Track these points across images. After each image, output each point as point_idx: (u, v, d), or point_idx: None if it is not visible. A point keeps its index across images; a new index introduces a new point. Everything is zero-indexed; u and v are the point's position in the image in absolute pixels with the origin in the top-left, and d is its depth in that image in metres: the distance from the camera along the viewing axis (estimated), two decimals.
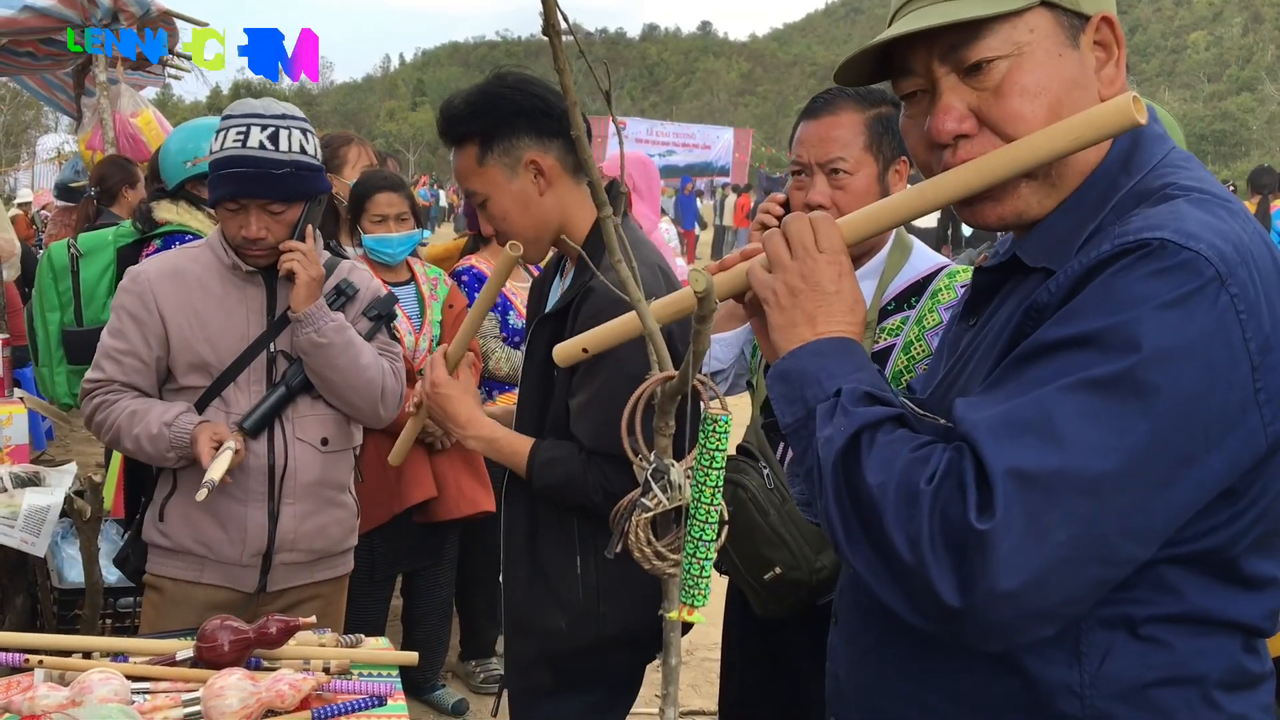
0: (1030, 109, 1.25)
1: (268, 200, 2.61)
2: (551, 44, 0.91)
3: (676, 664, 1.21)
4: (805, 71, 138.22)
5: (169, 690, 2.04)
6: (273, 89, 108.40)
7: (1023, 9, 1.24)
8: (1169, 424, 1.08)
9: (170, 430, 2.59)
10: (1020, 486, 1.07)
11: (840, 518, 1.20)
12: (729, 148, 38.91)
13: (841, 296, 1.31)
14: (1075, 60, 1.26)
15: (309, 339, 2.66)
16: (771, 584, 2.19)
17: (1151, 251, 1.12)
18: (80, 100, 7.54)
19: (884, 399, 1.25)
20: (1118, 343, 1.09)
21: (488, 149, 2.21)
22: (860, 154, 2.24)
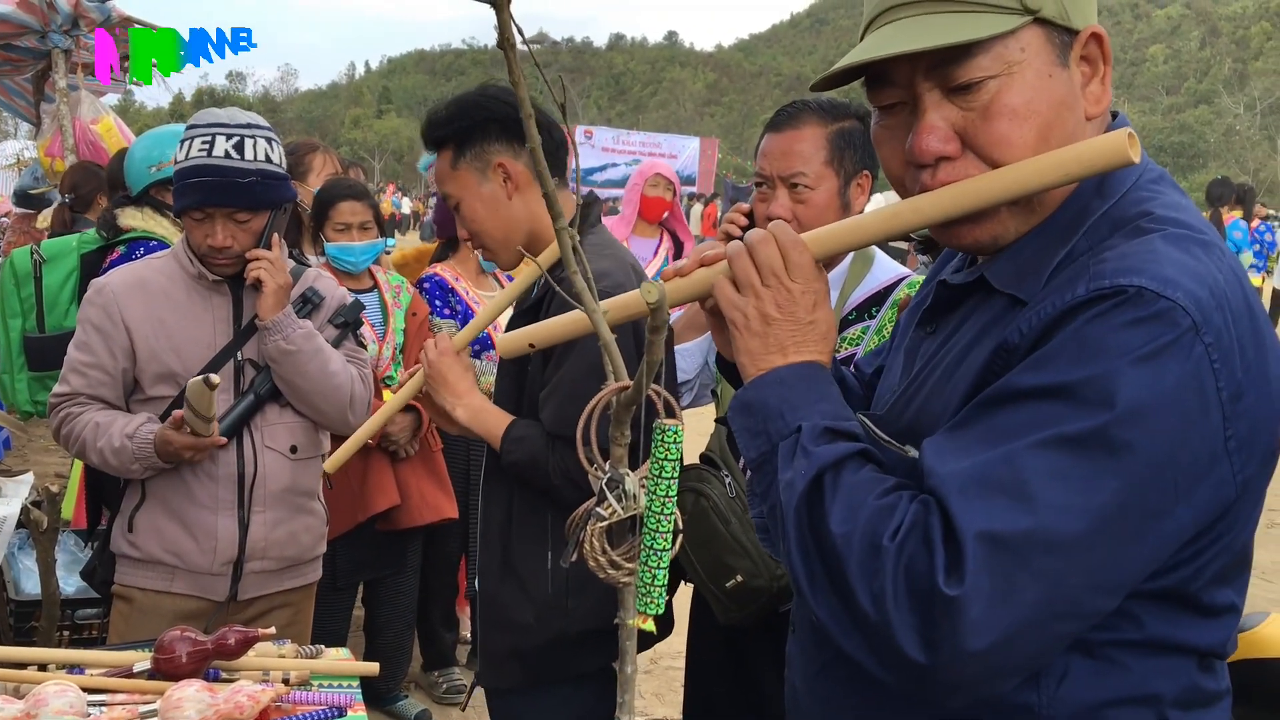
0: (1018, 133, 1.19)
1: (233, 209, 2.61)
2: (506, 57, 0.91)
3: (632, 673, 1.21)
4: (771, 82, 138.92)
5: (126, 702, 2.02)
6: (236, 97, 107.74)
7: (1016, 27, 1.18)
8: (1141, 481, 1.07)
9: (133, 442, 2.58)
10: (991, 550, 1.06)
11: (803, 564, 1.17)
12: (695, 157, 39.02)
13: (815, 326, 1.28)
14: (1065, 80, 1.22)
15: (277, 346, 2.66)
16: (734, 591, 2.20)
17: (1128, 300, 1.08)
18: (40, 106, 7.46)
19: (846, 432, 1.22)
20: (1091, 397, 1.07)
21: (461, 153, 2.28)
22: (821, 168, 2.27)
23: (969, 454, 1.11)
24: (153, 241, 3.63)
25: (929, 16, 1.20)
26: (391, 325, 3.96)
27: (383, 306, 3.98)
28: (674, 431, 1.13)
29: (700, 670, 2.57)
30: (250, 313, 2.72)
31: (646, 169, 5.81)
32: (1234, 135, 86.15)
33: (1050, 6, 1.19)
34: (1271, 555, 6.36)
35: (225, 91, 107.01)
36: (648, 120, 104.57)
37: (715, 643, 2.47)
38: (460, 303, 4.22)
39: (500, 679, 2.33)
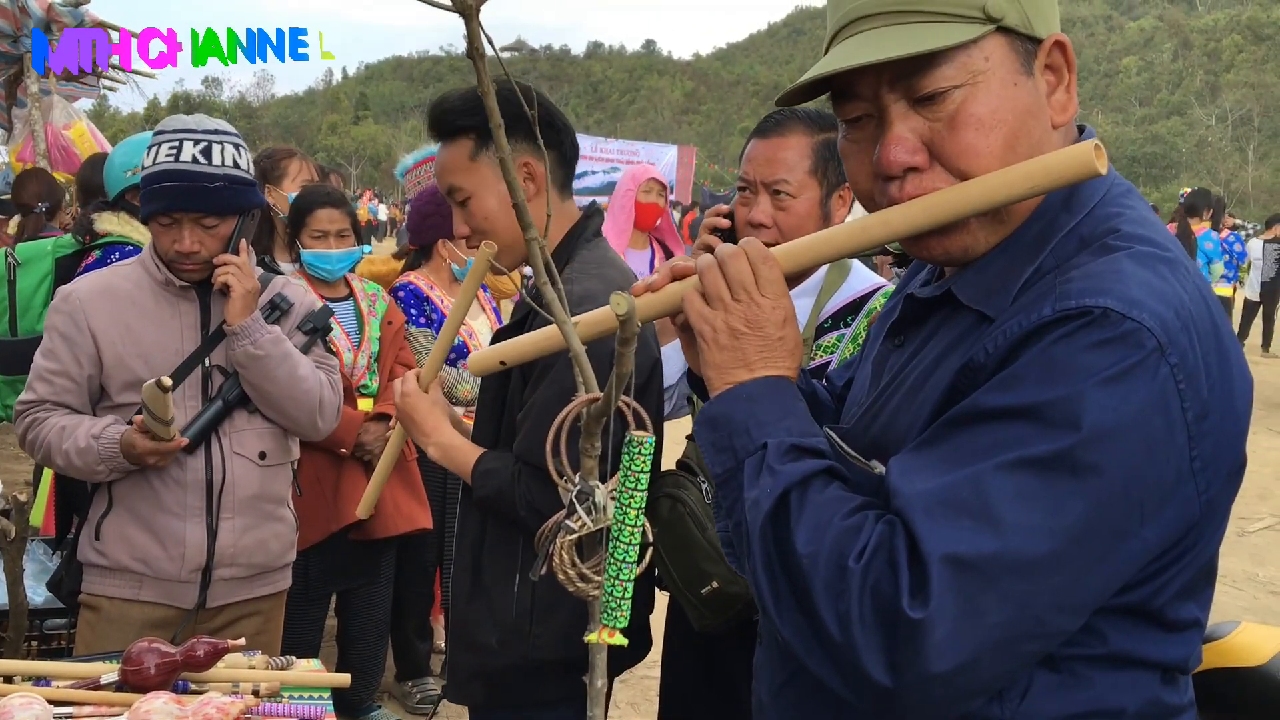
0: (985, 142, 1.19)
1: (200, 214, 2.60)
2: (475, 66, 0.91)
3: (601, 686, 1.20)
4: (748, 90, 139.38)
5: (93, 714, 2.00)
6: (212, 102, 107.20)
7: (979, 37, 1.18)
8: (1106, 502, 1.07)
9: (99, 443, 2.56)
10: (956, 573, 1.05)
11: (769, 583, 1.17)
12: (673, 165, 39.03)
13: (784, 342, 1.28)
14: (1029, 88, 1.21)
15: (245, 351, 2.65)
16: (709, 598, 2.20)
17: (1094, 321, 1.08)
18: (11, 111, 7.41)
19: (812, 449, 1.22)
20: (1057, 419, 1.07)
21: (483, 145, 2.21)
22: (804, 177, 2.28)
23: (935, 475, 1.11)
24: (128, 246, 3.62)
25: (892, 28, 1.20)
26: (367, 334, 3.93)
27: (358, 315, 3.96)
28: (648, 444, 1.13)
29: (675, 680, 2.56)
30: (218, 319, 2.71)
31: (639, 173, 5.65)
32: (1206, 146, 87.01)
33: (1013, 15, 1.19)
34: (1242, 564, 6.42)
35: (201, 97, 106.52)
36: (626, 128, 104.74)
37: (690, 652, 2.47)
38: (435, 311, 4.21)
39: (464, 697, 2.32)
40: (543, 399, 2.11)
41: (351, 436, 3.71)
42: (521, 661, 2.17)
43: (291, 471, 2.92)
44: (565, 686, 2.19)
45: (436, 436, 2.23)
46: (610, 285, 2.16)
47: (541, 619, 2.16)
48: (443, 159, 2.27)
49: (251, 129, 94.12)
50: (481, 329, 4.21)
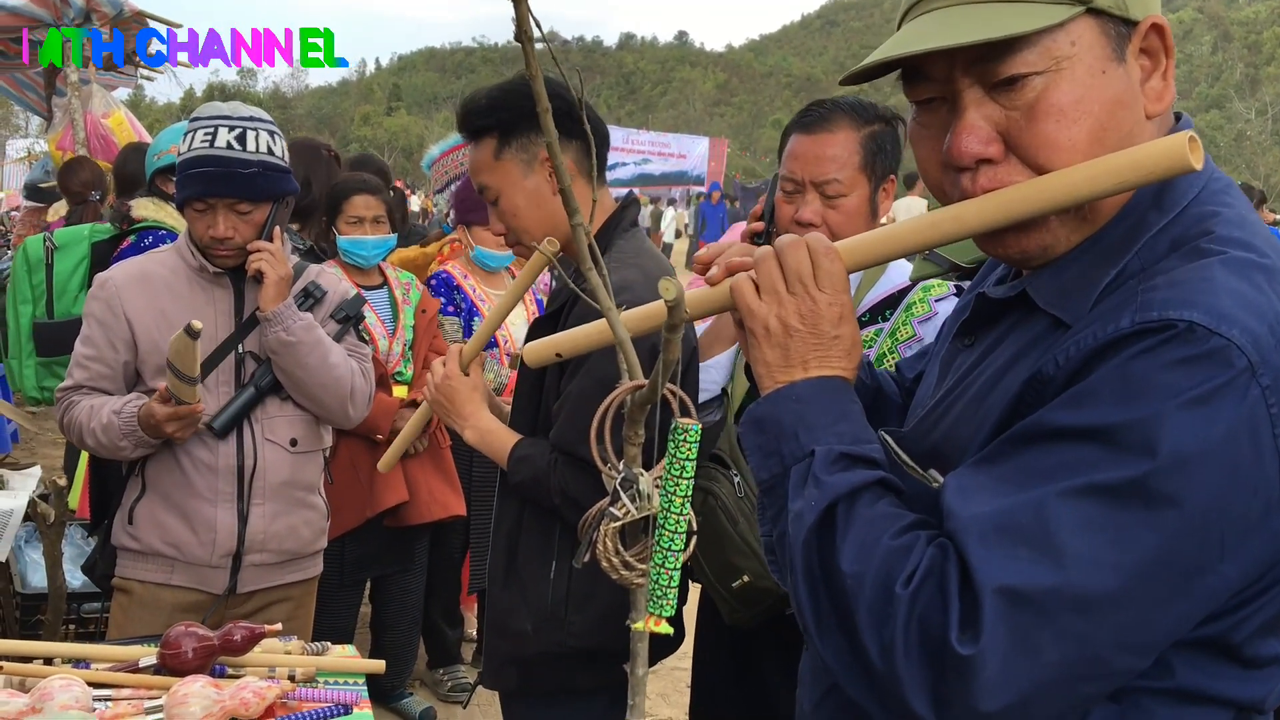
0: (1067, 135, 1.09)
1: (235, 200, 2.62)
2: (524, 50, 0.90)
3: (643, 675, 1.20)
4: (781, 82, 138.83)
5: (131, 697, 2.02)
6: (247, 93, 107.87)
7: (1066, 20, 1.08)
8: (1182, 536, 0.98)
9: (119, 418, 2.59)
10: (1010, 606, 0.98)
11: (810, 601, 1.11)
12: (704, 157, 38.99)
13: (840, 341, 1.20)
14: (1121, 76, 1.11)
15: (277, 337, 2.67)
16: (740, 592, 2.19)
17: (1177, 335, 0.99)
18: (51, 100, 7.48)
19: (864, 457, 1.14)
20: (1131, 444, 0.98)
21: (505, 143, 2.22)
22: (855, 174, 2.22)
23: (994, 497, 1.03)
24: (162, 230, 3.65)
25: (970, 7, 1.10)
26: (401, 322, 3.95)
27: (392, 303, 3.98)
28: (694, 431, 1.11)
29: (706, 671, 2.55)
30: (252, 305, 2.73)
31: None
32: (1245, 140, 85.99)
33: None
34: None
35: (236, 87, 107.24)
36: (657, 120, 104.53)
37: (721, 644, 2.46)
38: (465, 300, 4.22)
39: (498, 683, 2.33)
40: (579, 389, 2.11)
41: (387, 423, 3.72)
42: (556, 649, 2.18)
43: (323, 459, 2.94)
44: (599, 676, 2.20)
45: (474, 421, 2.24)
46: (647, 274, 2.16)
47: (578, 607, 2.16)
48: (472, 158, 2.29)
49: (285, 119, 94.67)
50: (517, 321, 4.21)
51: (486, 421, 2.25)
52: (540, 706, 2.29)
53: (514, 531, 2.27)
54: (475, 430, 2.24)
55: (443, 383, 2.24)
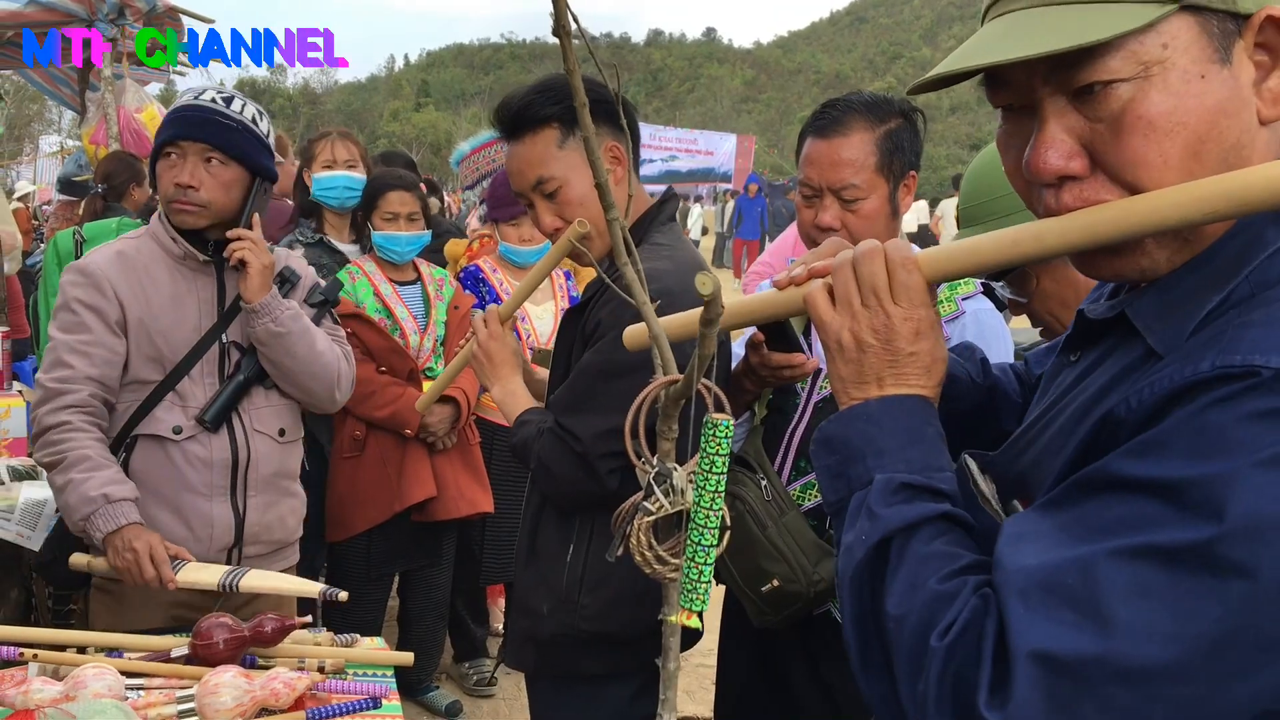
0: (1157, 150, 0.97)
1: (207, 146, 2.54)
2: (561, 44, 0.90)
3: (675, 669, 1.20)
4: (809, 79, 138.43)
5: (163, 687, 2.04)
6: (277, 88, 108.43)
7: (1155, 19, 0.96)
8: (1254, 609, 0.86)
9: (107, 504, 2.38)
10: (1046, 673, 0.89)
11: (857, 641, 1.06)
12: (731, 154, 38.88)
13: (917, 358, 1.13)
14: (1225, 81, 0.97)
15: (267, 329, 2.60)
16: (769, 596, 2.18)
17: (1262, 384, 0.88)
18: (84, 94, 7.54)
19: (930, 488, 1.07)
20: (1200, 503, 0.87)
21: (570, 132, 2.20)
22: (872, 176, 2.20)
23: (1044, 550, 0.94)
24: None
25: (1050, 9, 1.00)
26: (433, 317, 3.97)
27: (425, 298, 4.00)
28: (726, 426, 1.11)
29: (731, 668, 2.55)
30: (234, 294, 2.65)
31: None
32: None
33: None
34: None
35: (266, 82, 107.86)
36: (685, 117, 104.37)
37: (746, 641, 2.46)
38: (491, 294, 4.23)
39: (518, 662, 2.36)
40: (586, 363, 2.16)
41: (416, 419, 3.74)
42: (568, 631, 2.21)
43: (302, 448, 2.90)
44: (609, 662, 2.23)
45: (505, 381, 2.30)
46: (679, 265, 2.16)
47: (590, 591, 2.19)
48: (525, 154, 2.22)
49: (315, 115, 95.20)
50: (543, 314, 4.22)
51: (515, 385, 2.30)
52: (558, 690, 2.31)
53: (538, 513, 2.31)
54: (503, 389, 2.29)
55: (487, 341, 2.29)
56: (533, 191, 2.24)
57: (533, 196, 2.25)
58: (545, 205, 2.24)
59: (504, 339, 2.30)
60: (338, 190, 4.09)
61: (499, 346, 2.29)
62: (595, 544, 2.19)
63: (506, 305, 2.32)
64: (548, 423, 2.18)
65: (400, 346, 3.80)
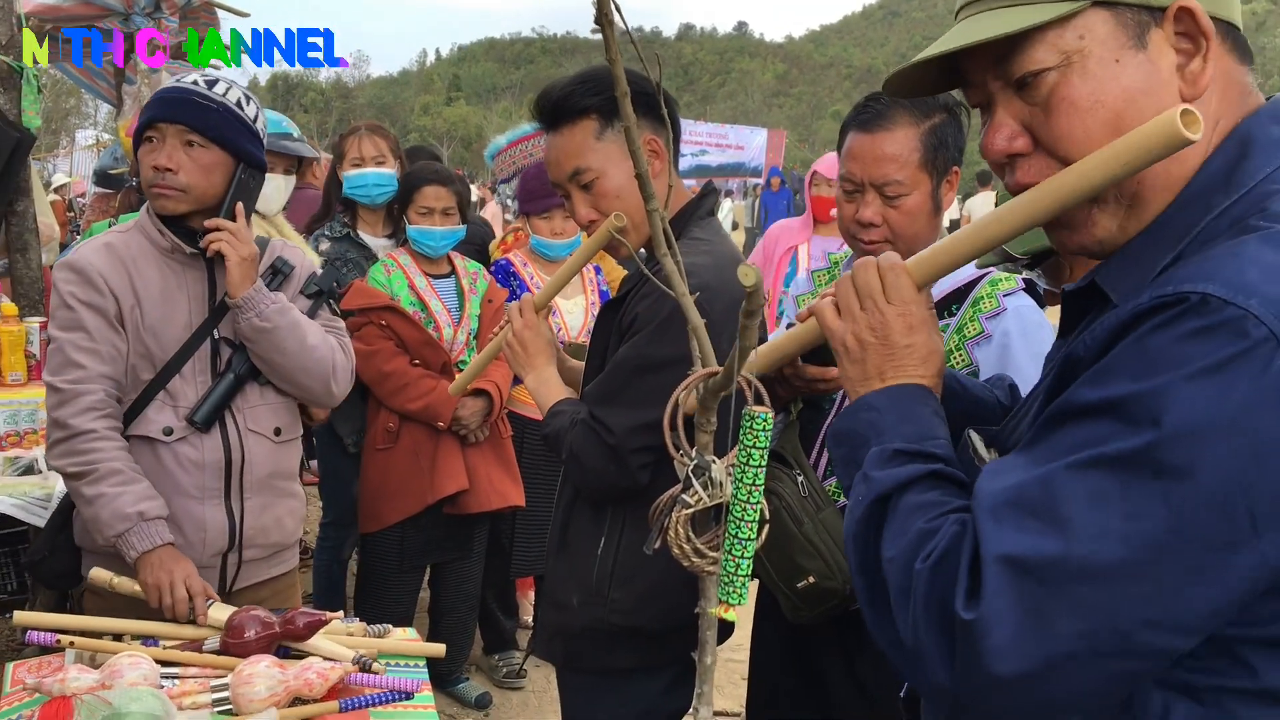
0: (1080, 127, 1.13)
1: (185, 127, 2.45)
2: (604, 34, 0.90)
3: (711, 663, 1.20)
4: (841, 73, 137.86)
5: (198, 676, 2.05)
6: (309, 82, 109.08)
7: (1069, 14, 1.11)
8: (1197, 508, 0.96)
9: (142, 522, 2.34)
10: (1013, 575, 1.00)
11: (865, 592, 1.16)
12: (762, 148, 38.76)
13: (913, 350, 1.26)
14: (1140, 64, 1.11)
15: (251, 324, 2.50)
16: (805, 592, 2.16)
17: (1190, 308, 0.99)
18: (121, 88, 7.60)
19: (921, 452, 1.18)
20: (1139, 415, 0.98)
21: (608, 123, 2.19)
22: (915, 172, 2.17)
23: (1012, 475, 1.06)
24: None
25: (989, 12, 1.16)
26: (467, 311, 3.98)
27: (459, 292, 4.01)
28: (763, 419, 1.11)
29: (764, 663, 2.54)
30: (224, 288, 2.54)
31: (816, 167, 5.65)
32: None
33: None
34: None
35: (299, 76, 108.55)
36: (715, 111, 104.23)
37: (780, 635, 2.44)
38: (522, 287, 4.24)
39: (547, 653, 2.37)
40: (622, 356, 2.15)
41: (448, 411, 3.75)
42: (597, 624, 2.21)
43: (300, 446, 2.80)
44: (639, 656, 2.23)
45: (539, 370, 2.30)
46: (717, 259, 2.15)
47: (621, 585, 2.19)
48: (563, 144, 2.21)
49: (347, 109, 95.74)
50: (574, 309, 4.22)
51: (550, 374, 2.30)
52: (588, 683, 2.31)
53: (570, 506, 2.31)
54: (537, 378, 2.29)
55: (522, 330, 2.28)
56: (569, 182, 2.23)
57: (569, 187, 2.23)
58: (581, 196, 2.22)
59: (539, 328, 2.29)
60: (368, 187, 4.11)
61: (534, 336, 2.29)
62: (626, 538, 2.18)
63: (541, 295, 2.31)
64: (581, 414, 2.18)
65: (433, 339, 3.82)
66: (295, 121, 4.02)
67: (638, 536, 2.14)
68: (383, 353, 3.76)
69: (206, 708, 1.93)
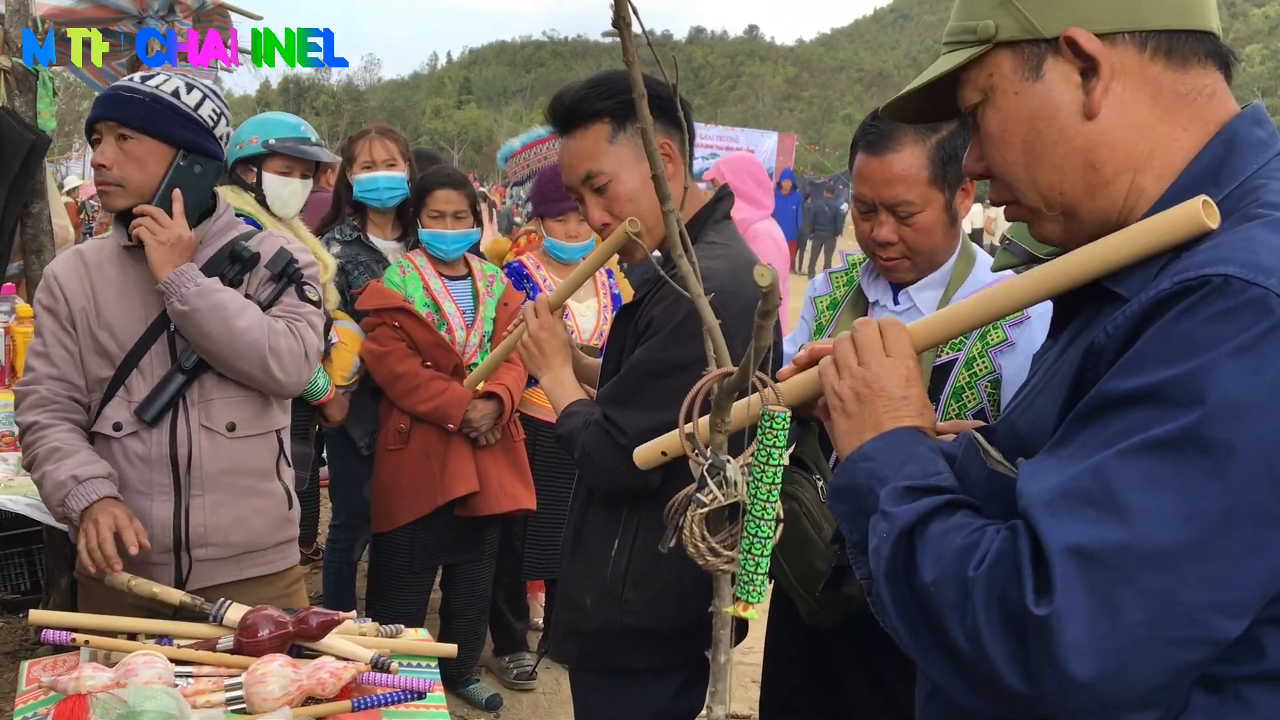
0: (999, 153, 1.26)
1: (116, 122, 2.46)
2: (621, 37, 0.91)
3: (726, 662, 1.20)
4: (852, 77, 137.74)
5: (211, 674, 2.06)
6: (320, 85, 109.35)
7: (974, 56, 1.25)
8: (1248, 483, 0.98)
9: (77, 485, 2.39)
10: (1081, 565, 1.00)
11: (907, 628, 1.15)
12: (773, 152, 38.71)
13: (909, 401, 1.30)
14: (1035, 93, 1.22)
15: (173, 309, 2.47)
16: (825, 596, 2.15)
17: (1214, 290, 1.02)
18: None
19: (931, 487, 1.20)
20: (1181, 397, 1.00)
21: (621, 127, 2.19)
22: (926, 190, 2.16)
23: (1059, 471, 1.06)
24: (239, 216, 3.70)
25: (940, 56, 1.31)
26: (481, 314, 3.99)
27: (474, 294, 4.02)
28: (782, 418, 1.12)
29: (779, 665, 2.54)
30: None
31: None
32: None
33: (1010, 27, 1.22)
34: None
35: (310, 80, 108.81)
36: (725, 114, 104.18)
37: (795, 637, 2.44)
38: (534, 290, 4.25)
39: (561, 654, 2.38)
40: (637, 359, 2.16)
41: (459, 413, 3.76)
42: (611, 624, 2.21)
43: (278, 441, 2.71)
44: (652, 656, 2.23)
45: (555, 370, 2.32)
46: (733, 263, 2.15)
47: (634, 585, 2.19)
48: (576, 148, 2.21)
49: (359, 112, 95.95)
50: (586, 311, 4.23)
51: (565, 374, 2.32)
52: (601, 683, 2.31)
53: (584, 507, 2.31)
54: (552, 378, 2.31)
55: (538, 330, 2.31)
56: (583, 186, 2.23)
57: (583, 191, 2.24)
58: (595, 200, 2.23)
59: (554, 328, 2.31)
60: (379, 191, 4.13)
61: (549, 336, 2.31)
62: (640, 539, 2.19)
63: (556, 296, 2.33)
64: (595, 415, 2.19)
65: (445, 341, 3.83)
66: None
67: (652, 537, 2.14)
68: (395, 354, 3.78)
69: (220, 706, 1.94)
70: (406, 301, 3.82)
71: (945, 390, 2.20)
